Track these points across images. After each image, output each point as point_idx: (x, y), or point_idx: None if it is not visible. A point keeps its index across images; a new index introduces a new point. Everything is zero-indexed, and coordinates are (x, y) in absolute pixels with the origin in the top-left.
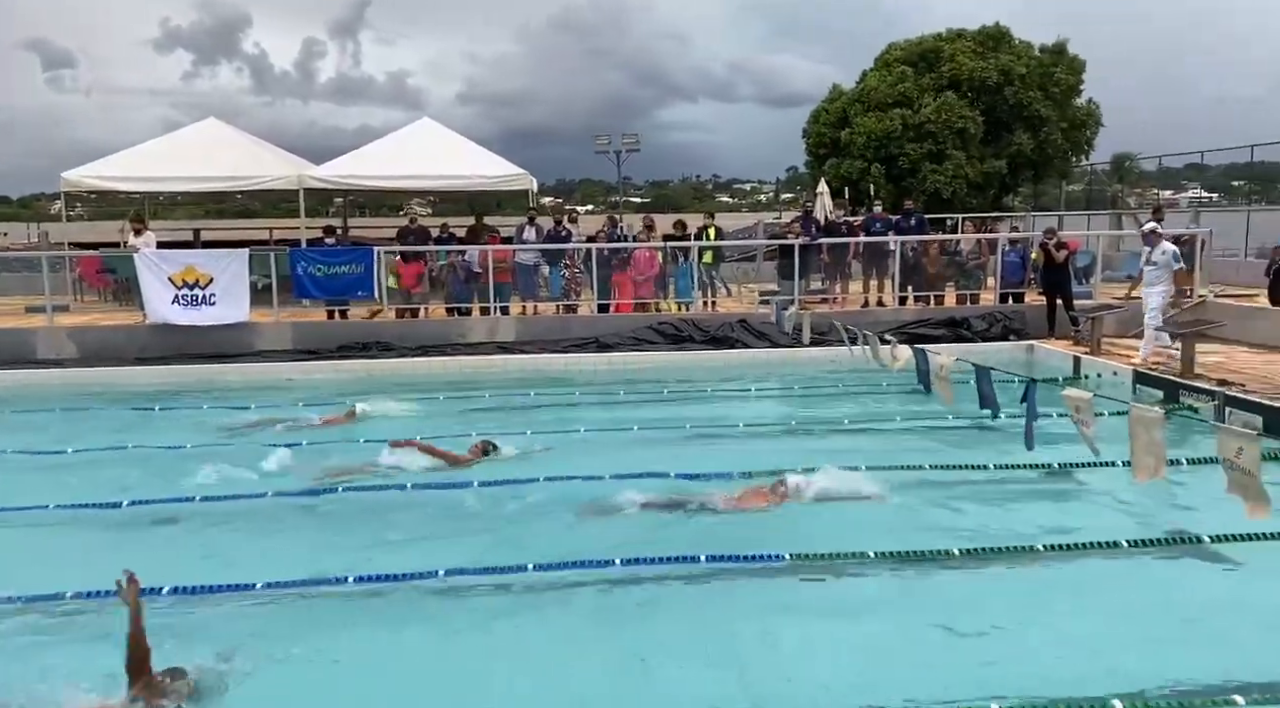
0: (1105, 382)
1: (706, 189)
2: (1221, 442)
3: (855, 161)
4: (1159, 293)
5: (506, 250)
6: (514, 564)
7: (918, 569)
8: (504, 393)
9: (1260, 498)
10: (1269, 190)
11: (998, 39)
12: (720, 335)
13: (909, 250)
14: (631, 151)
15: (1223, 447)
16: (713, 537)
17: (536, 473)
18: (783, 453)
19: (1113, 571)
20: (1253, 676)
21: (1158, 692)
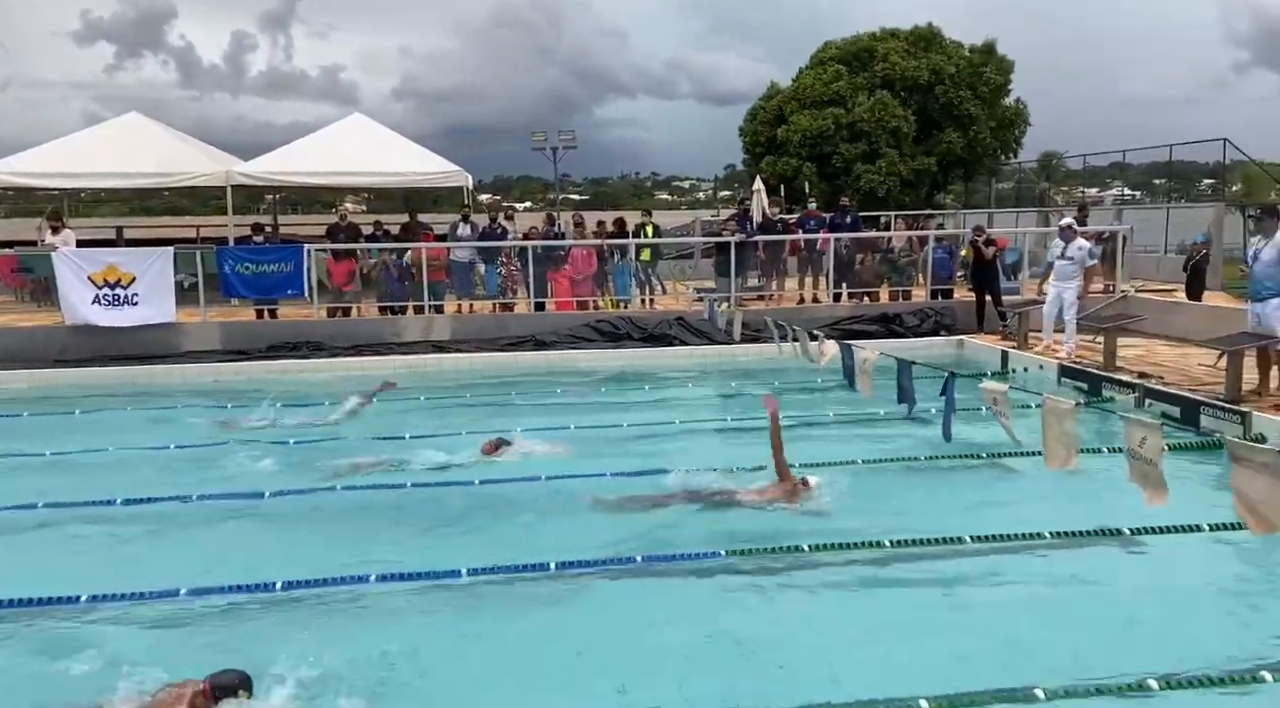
0: (1031, 375)
1: (646, 186)
2: (1128, 432)
3: (791, 159)
4: (1075, 287)
5: (440, 248)
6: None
7: (846, 562)
8: (440, 393)
9: (1160, 487)
10: (1188, 188)
11: (929, 39)
12: (658, 333)
13: (843, 248)
14: (569, 148)
15: (1128, 436)
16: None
17: (472, 477)
18: (718, 449)
19: (1036, 561)
20: (1166, 662)
21: (1079, 680)
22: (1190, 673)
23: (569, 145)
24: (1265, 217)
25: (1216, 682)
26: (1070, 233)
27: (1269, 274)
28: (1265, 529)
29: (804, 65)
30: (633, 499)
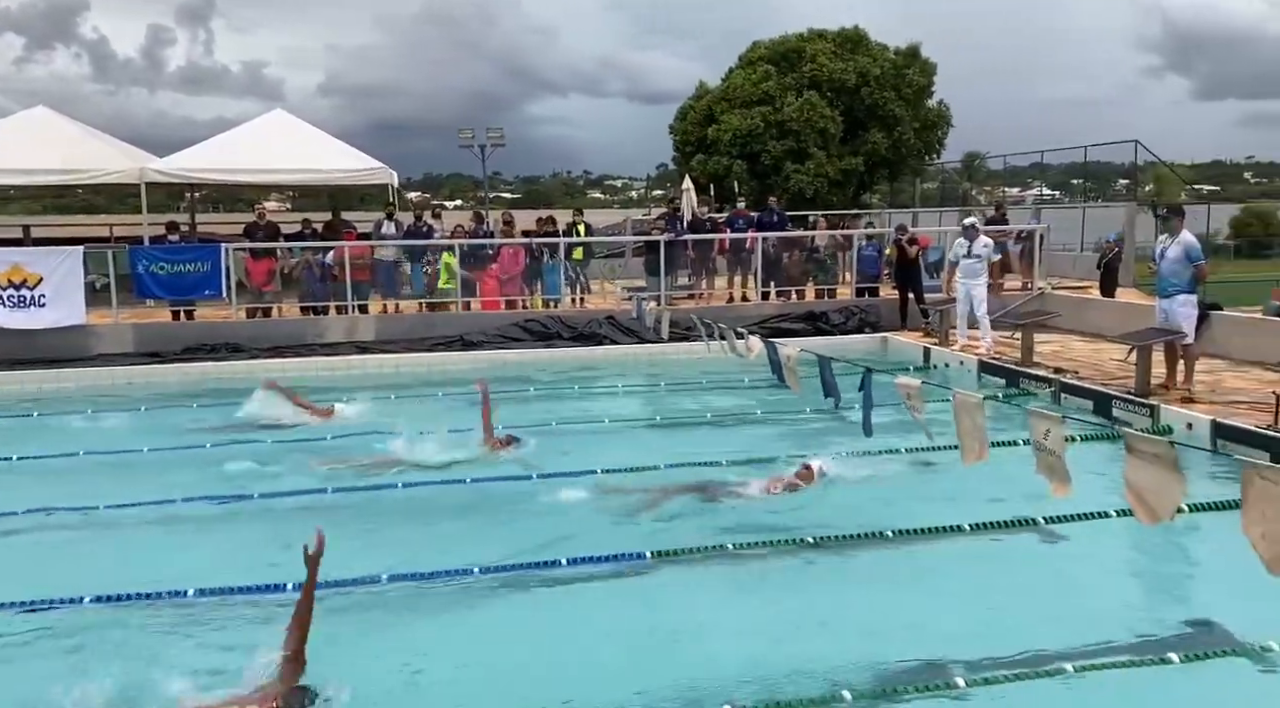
0: (953, 371)
1: (578, 185)
2: (1032, 424)
3: (721, 158)
4: (983, 284)
5: (364, 246)
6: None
7: (774, 558)
8: (366, 394)
9: (1064, 478)
10: (1104, 188)
11: (855, 41)
12: (588, 332)
13: (771, 247)
14: (497, 146)
15: (1033, 429)
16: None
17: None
18: (647, 447)
19: (956, 553)
20: (1079, 646)
21: (998, 668)
22: (1104, 657)
23: (497, 143)
24: (1170, 216)
25: (1125, 665)
26: (974, 232)
27: (1175, 272)
28: (1152, 519)
29: (733, 65)
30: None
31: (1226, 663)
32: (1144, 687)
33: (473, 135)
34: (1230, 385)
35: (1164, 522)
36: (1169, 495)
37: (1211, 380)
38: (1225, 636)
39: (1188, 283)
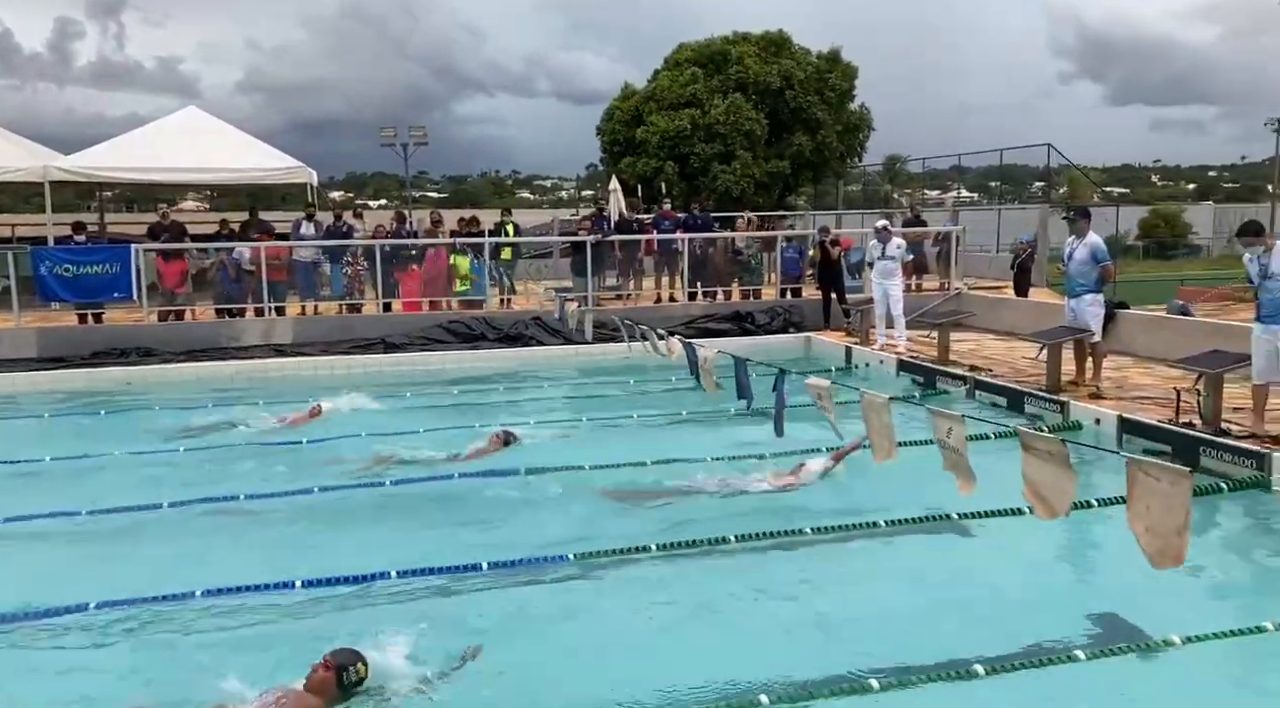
0: (873, 370)
1: (506, 185)
2: (934, 423)
3: (650, 160)
4: (898, 284)
5: (281, 247)
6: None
7: (692, 558)
8: (283, 398)
9: (968, 475)
10: (1020, 191)
11: (779, 44)
12: (514, 333)
13: (697, 248)
14: (420, 145)
15: (936, 428)
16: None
17: (310, 483)
18: (570, 447)
19: (872, 550)
20: (989, 643)
21: (909, 668)
22: (1014, 656)
23: (420, 142)
24: (1076, 218)
25: (1035, 664)
26: (886, 234)
27: (1082, 272)
28: (1049, 514)
29: (659, 67)
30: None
31: (1131, 659)
32: (1051, 685)
33: (395, 134)
34: (1136, 382)
35: (1060, 517)
36: (1063, 491)
37: (1119, 377)
38: (1131, 631)
39: (1094, 283)
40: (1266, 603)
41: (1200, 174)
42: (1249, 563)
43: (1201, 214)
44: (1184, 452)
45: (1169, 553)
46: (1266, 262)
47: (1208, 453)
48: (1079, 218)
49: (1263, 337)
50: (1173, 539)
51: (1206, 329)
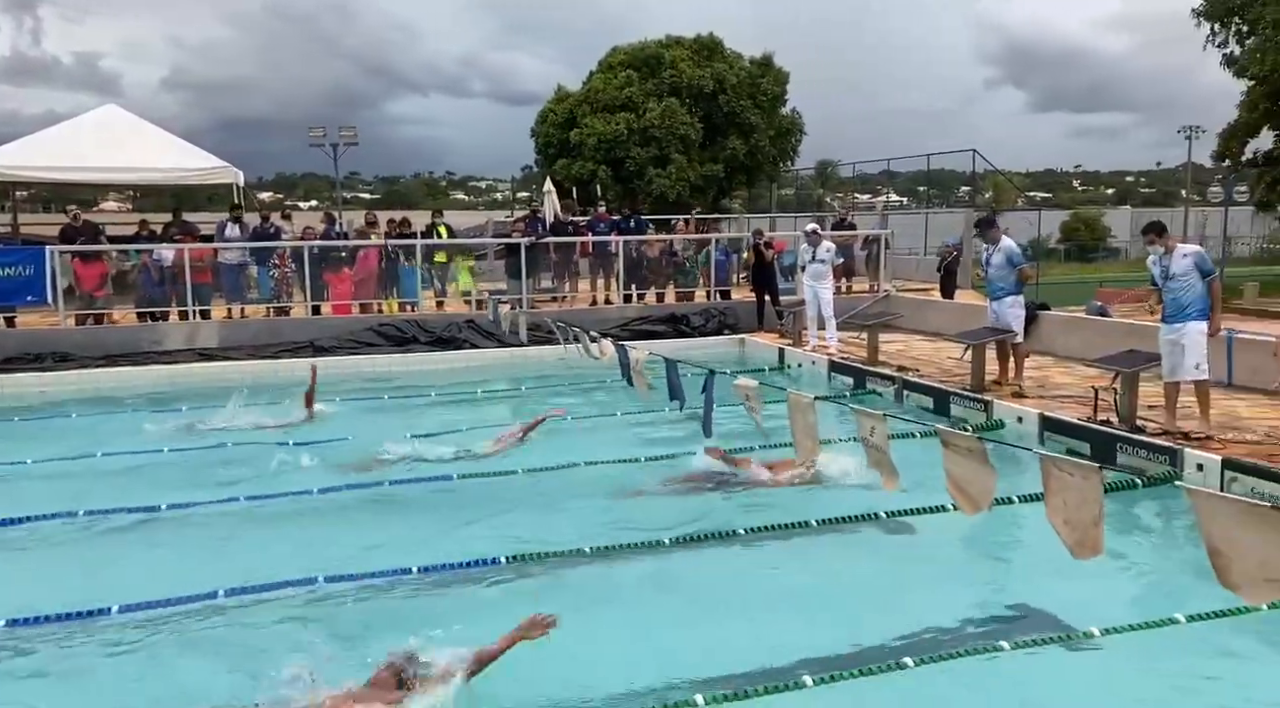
0: (805, 370)
1: (440, 186)
2: (858, 421)
3: (585, 162)
4: (828, 287)
5: (204, 249)
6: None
7: (623, 559)
8: (202, 404)
9: (892, 472)
10: (948, 195)
11: (712, 49)
12: (447, 336)
13: (632, 250)
14: (350, 145)
15: (860, 426)
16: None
17: (234, 493)
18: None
19: (803, 547)
20: (922, 636)
21: (843, 666)
22: (941, 648)
23: (350, 142)
24: (985, 227)
25: (962, 655)
26: (815, 237)
27: (1000, 276)
28: (972, 509)
29: (593, 69)
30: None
31: (1053, 650)
32: (978, 676)
33: (324, 133)
34: (1057, 381)
35: (983, 511)
36: (985, 487)
37: (1040, 376)
38: (1053, 623)
39: (1014, 285)
40: (1179, 595)
41: (1119, 179)
42: (1162, 556)
43: (1120, 218)
44: (1102, 449)
45: (1087, 544)
46: (1168, 264)
47: (1124, 449)
48: (986, 227)
49: (1167, 336)
50: (1089, 531)
51: (1123, 329)
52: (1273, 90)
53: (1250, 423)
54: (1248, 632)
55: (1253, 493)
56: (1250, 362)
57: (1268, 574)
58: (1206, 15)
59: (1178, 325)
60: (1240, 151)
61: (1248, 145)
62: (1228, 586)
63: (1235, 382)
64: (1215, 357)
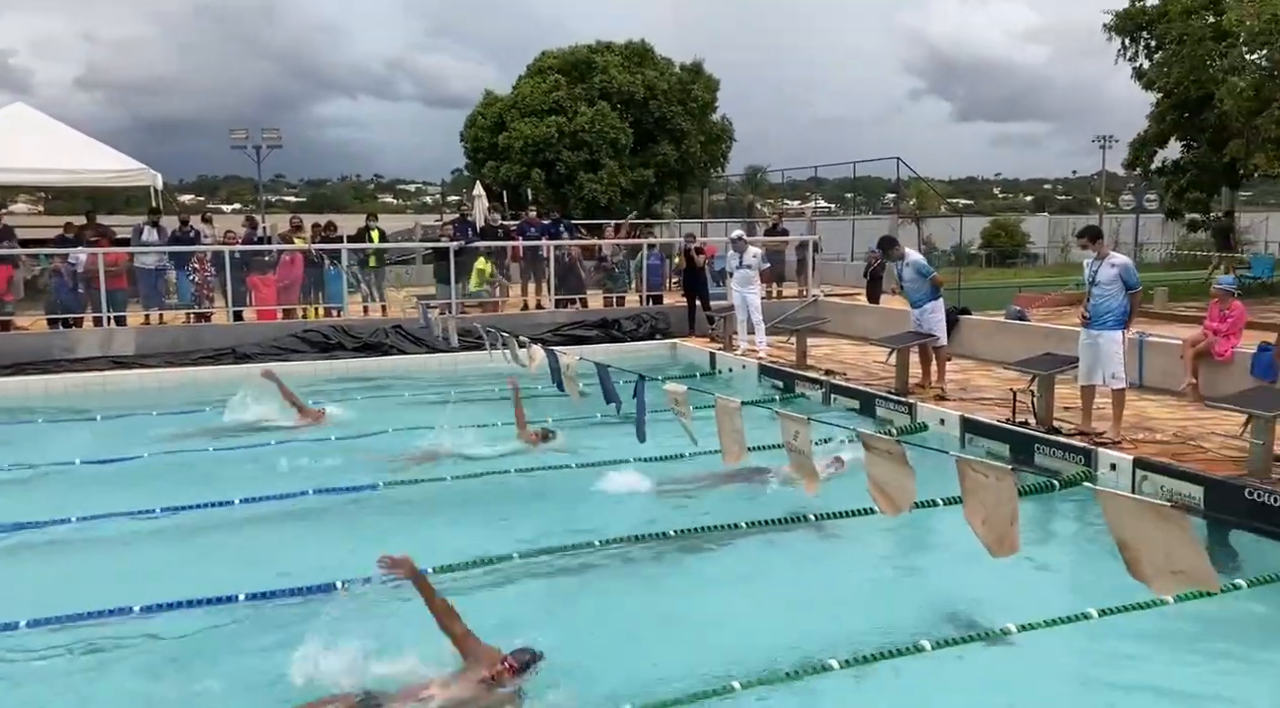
0: (736, 374)
1: (368, 189)
2: (782, 426)
3: (514, 166)
4: (756, 292)
5: (120, 253)
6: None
7: (554, 563)
8: (119, 413)
9: (812, 475)
10: (874, 202)
11: (642, 55)
12: (374, 342)
13: (563, 256)
14: (274, 147)
15: (783, 430)
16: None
17: (153, 502)
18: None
19: (733, 552)
20: (846, 638)
21: (768, 669)
22: (866, 649)
23: (274, 144)
24: (887, 248)
25: (886, 656)
26: (742, 244)
27: (915, 288)
28: (893, 510)
29: (522, 74)
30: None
31: (974, 648)
32: (903, 676)
33: (246, 136)
34: (977, 383)
35: (903, 512)
36: (905, 488)
37: (962, 379)
38: (973, 621)
39: (929, 293)
40: (1093, 591)
41: (1037, 187)
42: (1077, 553)
43: (1038, 224)
44: (1020, 450)
45: (1004, 542)
46: (1096, 269)
47: (1041, 451)
48: (889, 246)
49: (1085, 340)
50: (1006, 529)
51: (1041, 333)
52: (1179, 103)
53: (1160, 423)
54: (1155, 624)
55: (1162, 491)
56: (1160, 364)
57: (1173, 566)
58: (1117, 30)
59: (1094, 332)
60: (1150, 161)
61: (1156, 155)
62: (1139, 578)
63: (1146, 383)
64: (1127, 359)
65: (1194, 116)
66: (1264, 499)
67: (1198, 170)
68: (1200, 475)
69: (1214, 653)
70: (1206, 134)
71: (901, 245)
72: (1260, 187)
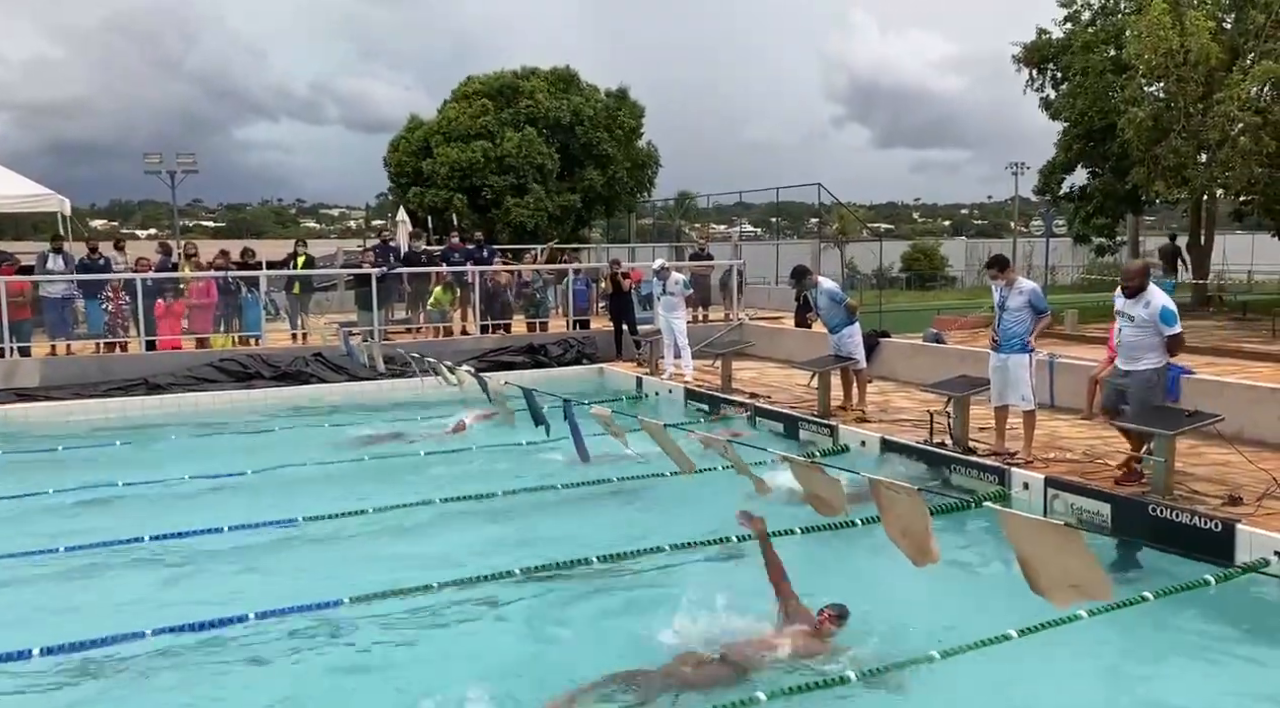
0: (663, 398)
1: (290, 213)
2: (710, 444)
3: (440, 191)
4: (681, 317)
5: (23, 281)
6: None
7: (545, 582)
8: (22, 449)
9: (757, 478)
10: (799, 226)
11: (568, 81)
12: (293, 371)
13: (488, 281)
14: (189, 172)
15: (713, 446)
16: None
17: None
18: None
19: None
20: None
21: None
22: (788, 682)
23: (189, 169)
24: (798, 279)
25: (812, 688)
26: (665, 273)
27: (831, 313)
28: (831, 513)
29: (448, 98)
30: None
31: (897, 675)
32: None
33: (160, 160)
34: (897, 405)
35: (840, 515)
36: (835, 494)
37: (882, 401)
38: (895, 648)
39: (846, 319)
40: (1011, 612)
41: (954, 211)
42: (993, 574)
43: (956, 248)
44: (937, 470)
45: (924, 552)
46: (1005, 295)
47: (957, 470)
48: (801, 276)
49: (995, 363)
50: (924, 541)
51: (957, 356)
52: (1084, 132)
53: (1071, 442)
54: (1069, 641)
55: (1072, 509)
56: (1071, 385)
57: (1069, 580)
58: (1024, 62)
59: (1004, 355)
60: (1059, 187)
61: (1064, 181)
62: (1038, 592)
63: (1057, 403)
64: (1038, 380)
65: (1099, 145)
66: (1165, 515)
67: (1103, 196)
68: (1107, 493)
69: (1125, 662)
70: (1110, 162)
71: (814, 275)
72: (1161, 212)
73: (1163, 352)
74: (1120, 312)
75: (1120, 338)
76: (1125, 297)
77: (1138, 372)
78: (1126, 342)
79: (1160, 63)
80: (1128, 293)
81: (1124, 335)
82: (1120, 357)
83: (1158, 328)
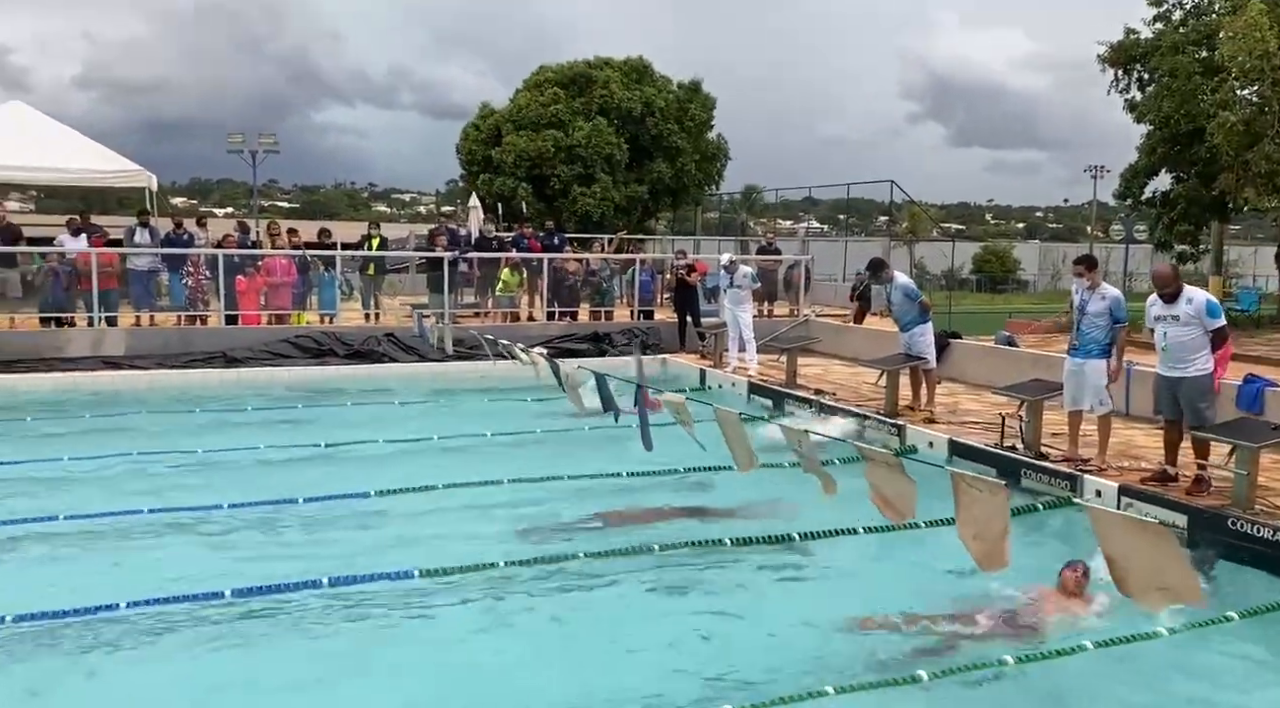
0: (725, 391)
1: (362, 196)
2: (786, 433)
3: (508, 179)
4: (747, 310)
5: (113, 253)
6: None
7: (546, 575)
8: (109, 413)
9: (826, 477)
10: (867, 224)
11: (641, 72)
12: (365, 350)
13: (555, 268)
14: (270, 153)
15: (788, 437)
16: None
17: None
18: (425, 468)
19: (722, 567)
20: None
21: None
22: (856, 679)
23: (270, 149)
24: (875, 271)
25: (789, 701)
26: (733, 266)
27: (904, 311)
28: (898, 518)
29: (519, 87)
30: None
31: (874, 695)
32: None
33: (243, 140)
34: (966, 407)
35: (910, 518)
36: (907, 496)
37: (951, 402)
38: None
39: (919, 317)
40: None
41: (1029, 214)
42: None
43: (1029, 252)
44: (1007, 473)
45: (994, 557)
46: (1087, 299)
47: (1028, 475)
48: (878, 269)
49: (1070, 368)
50: (997, 545)
51: (1029, 359)
52: (1169, 136)
53: (1146, 452)
54: (1142, 655)
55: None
56: (1147, 394)
57: (1160, 582)
58: (1110, 62)
59: (1080, 360)
60: (1140, 192)
61: (1147, 186)
62: (1126, 593)
63: (1133, 412)
64: (1114, 388)
65: (1184, 149)
66: (1246, 529)
67: (1187, 203)
68: (1184, 504)
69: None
70: (1196, 167)
71: (890, 268)
72: (1248, 221)
73: (1209, 352)
74: (1160, 317)
75: (1165, 343)
76: (1164, 302)
77: (1189, 378)
78: (1174, 345)
79: (1255, 65)
80: (1166, 298)
81: (1170, 339)
82: (1166, 362)
83: (1204, 323)
